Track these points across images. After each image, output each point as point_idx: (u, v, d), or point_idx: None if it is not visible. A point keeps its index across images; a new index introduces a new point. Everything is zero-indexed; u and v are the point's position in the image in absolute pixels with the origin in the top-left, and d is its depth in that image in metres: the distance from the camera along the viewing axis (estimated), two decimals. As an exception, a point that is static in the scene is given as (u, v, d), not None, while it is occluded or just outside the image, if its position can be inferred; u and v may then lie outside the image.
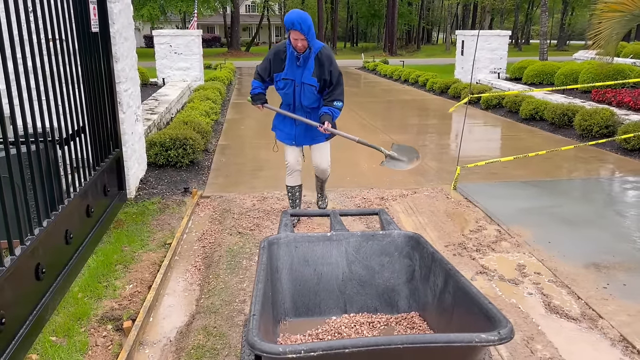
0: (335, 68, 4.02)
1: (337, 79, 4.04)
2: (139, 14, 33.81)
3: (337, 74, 4.03)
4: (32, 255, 2.84)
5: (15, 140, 2.76)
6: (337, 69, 4.04)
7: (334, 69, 4.02)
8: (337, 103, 4.06)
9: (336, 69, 4.03)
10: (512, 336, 1.55)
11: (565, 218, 4.69)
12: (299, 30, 3.74)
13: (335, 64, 4.03)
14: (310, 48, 3.92)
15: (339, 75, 4.05)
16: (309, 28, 3.77)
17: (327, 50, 4.04)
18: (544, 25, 22.28)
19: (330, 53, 4.06)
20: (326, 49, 4.04)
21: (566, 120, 8.83)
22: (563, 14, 50.44)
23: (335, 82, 4.04)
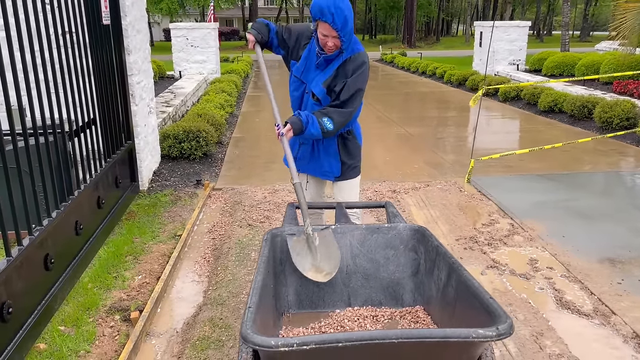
0: (354, 81, 2.72)
1: (349, 96, 2.71)
2: (157, 8, 34.06)
3: (353, 90, 2.72)
4: (41, 246, 2.87)
5: (24, 132, 2.79)
6: (356, 83, 2.72)
7: (351, 81, 2.71)
8: (326, 121, 2.67)
9: (354, 83, 2.72)
10: (511, 332, 1.51)
11: (581, 212, 4.59)
12: (330, 23, 2.54)
13: (357, 76, 2.72)
14: (342, 51, 2.70)
15: (354, 92, 2.72)
16: (345, 22, 2.56)
17: (361, 58, 2.75)
18: (566, 15, 21.83)
19: (363, 63, 2.75)
20: (361, 57, 2.76)
21: (586, 112, 8.64)
22: (586, 4, 49.36)
23: (344, 98, 2.71)
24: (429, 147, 7.26)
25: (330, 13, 2.53)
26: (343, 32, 2.58)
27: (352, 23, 2.62)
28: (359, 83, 2.73)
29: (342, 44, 2.64)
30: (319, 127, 2.67)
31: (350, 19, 2.59)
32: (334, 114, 2.70)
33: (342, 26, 2.56)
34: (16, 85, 2.73)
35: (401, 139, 7.76)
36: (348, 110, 2.73)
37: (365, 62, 2.77)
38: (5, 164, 2.53)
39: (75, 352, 2.66)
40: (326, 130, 2.68)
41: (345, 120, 2.74)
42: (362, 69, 2.73)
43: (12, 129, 2.65)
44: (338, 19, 2.54)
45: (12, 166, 2.66)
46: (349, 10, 2.58)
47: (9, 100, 2.61)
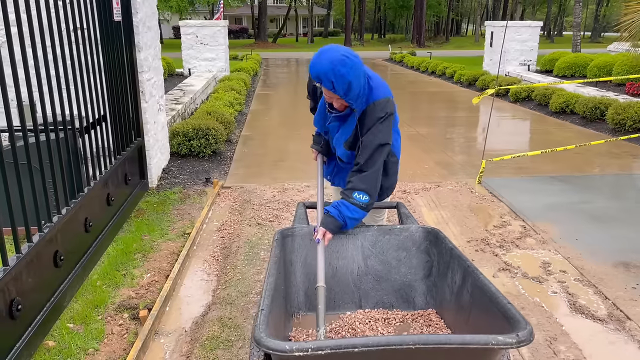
0: (372, 136, 2.35)
1: (370, 155, 2.34)
2: (167, 5, 34.11)
3: (372, 148, 2.34)
4: (51, 242, 2.85)
5: (35, 128, 2.77)
6: (375, 138, 2.35)
7: (368, 137, 2.36)
8: (360, 196, 2.33)
9: (373, 138, 2.35)
10: (532, 339, 1.47)
11: (594, 215, 4.52)
12: (331, 90, 2.25)
13: (375, 131, 2.35)
14: (353, 109, 2.38)
15: (374, 149, 2.34)
16: (349, 87, 2.22)
17: (378, 109, 2.36)
18: (577, 16, 21.64)
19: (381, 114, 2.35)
20: (378, 107, 2.36)
21: (598, 114, 8.55)
22: (598, 5, 48.98)
23: (364, 159, 2.35)
24: (439, 147, 7.20)
25: (329, 81, 2.20)
26: (348, 97, 2.26)
27: (359, 84, 2.26)
28: (377, 139, 2.34)
29: (353, 105, 2.32)
30: (355, 207, 2.32)
31: (356, 80, 2.22)
32: (361, 182, 2.33)
33: (345, 92, 2.23)
34: (28, 82, 2.71)
35: (411, 139, 7.71)
36: (372, 171, 2.35)
37: (383, 112, 2.35)
38: (16, 160, 2.51)
39: (84, 350, 2.64)
40: (364, 204, 2.33)
41: (377, 181, 2.38)
42: (379, 122, 2.34)
43: (23, 125, 2.64)
44: (339, 86, 2.21)
45: (23, 162, 2.64)
46: (353, 70, 2.20)
47: (21, 96, 2.60)
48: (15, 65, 2.52)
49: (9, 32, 2.52)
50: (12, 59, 2.54)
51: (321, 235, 2.29)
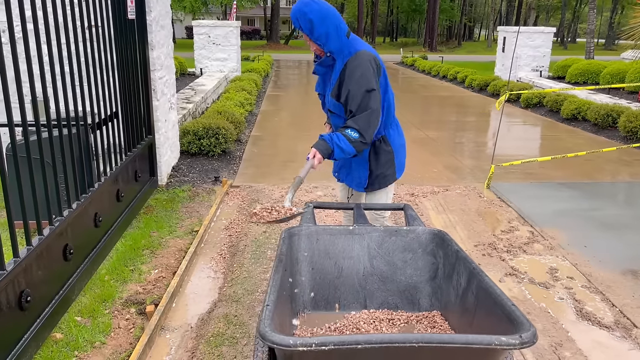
0: (356, 84, 2.52)
1: (360, 102, 2.52)
2: (181, 5, 34.35)
3: (360, 95, 2.51)
4: (61, 236, 2.89)
5: (48, 123, 2.82)
6: (360, 85, 2.52)
7: (353, 86, 2.52)
8: (351, 132, 2.51)
9: (358, 86, 2.52)
10: (535, 341, 1.47)
11: (603, 222, 4.50)
12: (299, 28, 2.52)
13: (358, 78, 2.52)
14: (329, 54, 2.57)
15: (362, 95, 2.51)
16: (312, 25, 2.45)
17: (357, 60, 2.53)
18: (591, 23, 21.51)
19: (360, 62, 2.53)
20: (357, 58, 2.54)
21: (610, 121, 8.49)
22: (612, 12, 48.64)
23: (355, 107, 2.53)
24: (448, 151, 7.19)
25: (296, 19, 2.46)
26: (315, 36, 2.48)
27: (324, 25, 2.45)
28: (362, 85, 2.51)
29: (323, 47, 2.53)
30: (345, 139, 2.51)
31: (319, 21, 2.44)
32: (354, 122, 2.53)
33: (310, 30, 2.47)
34: (42, 78, 2.75)
35: (420, 142, 7.71)
36: (364, 114, 2.53)
37: (361, 61, 2.52)
38: (30, 155, 2.55)
39: (90, 343, 2.67)
40: (353, 139, 2.51)
41: (369, 123, 2.53)
42: (359, 71, 2.51)
43: (36, 120, 2.68)
44: (303, 23, 2.46)
45: (36, 157, 2.68)
46: (318, 12, 2.43)
47: (35, 92, 2.64)
48: (31, 61, 2.56)
49: (25, 28, 2.56)
50: (27, 55, 2.58)
51: (312, 155, 2.54)
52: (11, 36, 2.39)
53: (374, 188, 2.85)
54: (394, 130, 2.83)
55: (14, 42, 2.41)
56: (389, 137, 2.79)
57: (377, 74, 2.57)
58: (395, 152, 2.81)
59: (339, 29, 2.51)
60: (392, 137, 2.80)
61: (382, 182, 2.83)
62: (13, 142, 2.38)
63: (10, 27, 2.39)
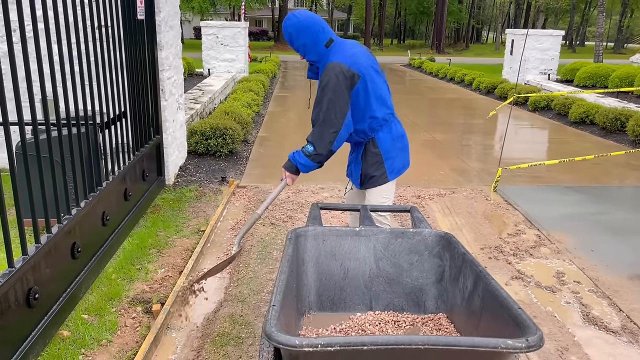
0: (317, 97, 2.68)
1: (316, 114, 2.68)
2: (189, 6, 34.49)
3: (317, 108, 2.67)
4: (69, 234, 2.91)
5: (57, 122, 2.84)
6: (318, 99, 2.67)
7: (316, 99, 2.69)
8: (308, 146, 2.68)
9: (317, 100, 2.68)
10: (542, 344, 1.47)
11: (611, 226, 4.48)
12: (289, 43, 2.76)
13: (319, 91, 2.66)
14: (311, 63, 2.86)
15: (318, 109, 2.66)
16: (290, 39, 2.72)
17: (325, 72, 2.65)
18: (600, 26, 21.41)
19: (326, 74, 2.63)
20: (326, 70, 2.65)
21: (619, 125, 8.45)
22: (621, 15, 48.36)
23: (313, 118, 2.71)
24: (455, 153, 7.18)
25: (287, 33, 2.71)
26: (295, 47, 2.74)
27: (301, 38, 2.67)
28: (319, 98, 2.66)
29: (305, 57, 2.76)
30: (302, 154, 2.71)
31: (296, 34, 2.67)
32: (310, 136, 2.72)
33: (290, 42, 2.73)
34: (52, 77, 2.77)
35: (427, 144, 7.70)
36: (317, 125, 2.68)
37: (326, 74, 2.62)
38: (39, 153, 2.57)
39: (97, 341, 2.69)
40: (309, 153, 2.69)
41: (321, 136, 2.66)
42: (322, 83, 2.64)
43: (46, 119, 2.70)
44: (285, 36, 2.72)
45: (45, 155, 2.70)
46: (296, 26, 2.66)
47: (45, 91, 2.66)
48: (41, 60, 2.58)
49: (36, 28, 2.59)
50: (37, 55, 2.60)
51: (284, 174, 2.81)
52: (22, 35, 2.41)
53: (366, 187, 2.98)
54: (385, 133, 2.87)
55: (25, 41, 2.43)
56: (378, 139, 2.86)
57: (344, 85, 2.63)
58: (384, 155, 2.88)
59: (317, 41, 2.69)
60: (381, 139, 2.87)
61: (371, 182, 2.94)
62: (23, 140, 2.40)
63: (21, 26, 2.41)
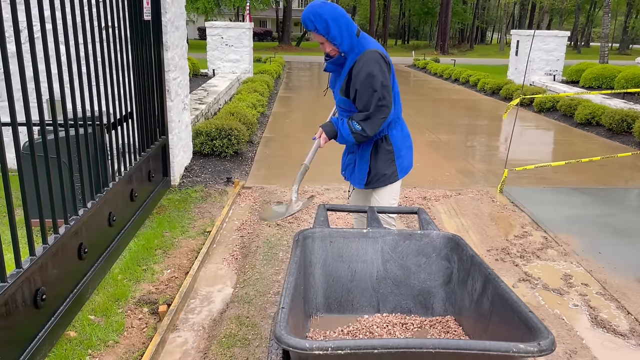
0: (363, 84, 2.60)
1: (366, 101, 2.62)
2: (194, 7, 34.55)
3: (366, 94, 2.61)
4: (76, 235, 2.91)
5: (65, 123, 2.84)
6: (366, 85, 2.60)
7: (360, 85, 2.61)
8: (354, 123, 2.68)
9: (365, 86, 2.61)
10: (554, 348, 1.46)
11: (618, 228, 4.45)
12: (314, 31, 2.56)
13: (365, 78, 2.59)
14: (342, 54, 2.63)
15: (369, 95, 2.61)
16: (327, 26, 2.52)
17: (364, 58, 2.59)
18: (605, 27, 21.33)
19: (368, 61, 2.59)
20: (364, 57, 2.59)
21: (625, 127, 8.41)
22: (627, 16, 48.19)
23: (362, 105, 2.66)
24: (460, 154, 7.16)
25: (310, 21, 2.53)
26: (330, 37, 2.56)
27: (338, 25, 2.54)
28: (368, 85, 2.60)
29: (339, 47, 2.60)
30: (347, 128, 2.70)
31: (333, 21, 2.52)
32: (359, 117, 2.69)
33: (325, 31, 2.54)
34: (60, 78, 2.78)
35: (432, 145, 7.68)
36: (370, 113, 2.65)
37: (368, 61, 2.58)
38: (47, 154, 2.57)
39: (104, 342, 2.69)
40: (355, 131, 2.69)
41: (372, 124, 2.67)
42: (366, 71, 2.58)
43: (54, 119, 2.70)
44: (319, 24, 2.53)
45: (53, 156, 2.70)
46: (331, 13, 2.52)
47: (53, 91, 2.67)
48: (49, 60, 2.58)
49: (44, 28, 2.59)
50: (46, 55, 2.60)
51: (319, 134, 2.83)
52: (30, 36, 2.41)
53: (373, 186, 2.91)
54: (398, 131, 2.86)
55: (33, 41, 2.43)
56: (392, 137, 2.84)
57: (387, 72, 2.65)
58: (396, 153, 2.86)
59: (350, 29, 2.60)
60: (394, 137, 2.85)
61: (380, 181, 2.88)
62: (31, 141, 2.40)
63: (29, 26, 2.41)
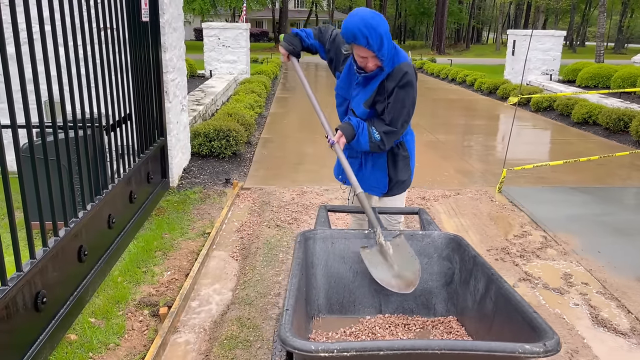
0: (397, 100, 2.49)
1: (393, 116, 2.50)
2: (190, 8, 34.50)
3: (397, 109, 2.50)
4: (76, 237, 2.90)
5: (64, 125, 2.83)
6: (400, 102, 2.49)
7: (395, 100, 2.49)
8: (374, 132, 2.53)
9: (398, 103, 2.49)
10: (559, 349, 1.46)
11: (617, 227, 4.46)
12: (365, 46, 2.32)
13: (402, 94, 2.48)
14: (382, 68, 2.46)
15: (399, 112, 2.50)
16: (381, 41, 2.32)
17: (401, 71, 2.46)
18: (601, 26, 21.41)
19: (404, 76, 2.46)
20: (401, 70, 2.46)
21: (622, 126, 8.43)
22: (622, 15, 48.36)
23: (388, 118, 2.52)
24: (458, 154, 7.17)
25: (363, 36, 2.30)
26: (382, 52, 2.37)
27: (389, 38, 2.38)
28: (401, 101, 2.48)
29: (383, 63, 2.43)
30: (367, 136, 2.53)
31: (386, 34, 2.35)
32: (381, 128, 2.53)
33: (379, 46, 2.34)
34: (59, 80, 2.76)
35: (430, 145, 7.68)
36: (392, 128, 2.53)
37: (406, 74, 2.46)
38: (46, 156, 2.56)
39: (104, 345, 2.67)
40: (374, 140, 2.53)
41: (391, 139, 2.56)
42: (403, 83, 2.45)
43: (53, 121, 2.69)
44: (373, 40, 2.31)
45: (52, 158, 2.69)
46: (383, 25, 2.34)
47: (52, 93, 2.65)
48: (49, 62, 2.57)
49: (43, 30, 2.57)
50: (45, 57, 2.59)
51: (337, 137, 2.52)
52: (29, 37, 2.40)
53: (393, 193, 2.82)
54: (410, 135, 2.82)
55: (32, 43, 2.42)
56: (407, 142, 2.77)
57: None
58: (411, 158, 2.80)
59: (391, 40, 2.46)
60: (409, 142, 2.79)
61: (400, 188, 2.81)
62: (30, 143, 2.39)
63: (28, 28, 2.40)
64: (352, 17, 2.34)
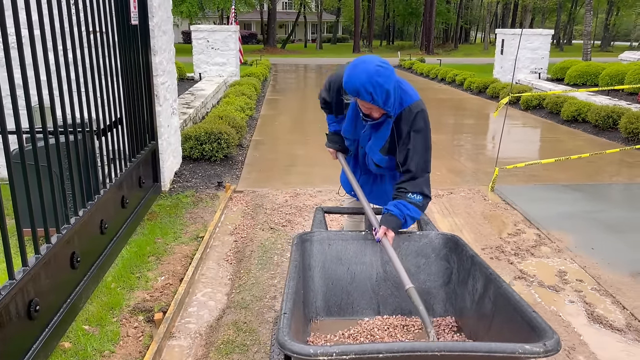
0: (416, 143, 2.39)
1: (418, 162, 2.40)
2: (178, 10, 34.35)
3: (421, 156, 2.41)
4: (68, 243, 2.86)
5: (55, 131, 2.79)
6: (422, 147, 2.41)
7: (416, 146, 2.39)
8: (414, 196, 2.39)
9: (420, 147, 2.40)
10: (559, 348, 1.45)
11: (609, 224, 4.49)
12: (370, 101, 2.22)
13: (419, 136, 2.39)
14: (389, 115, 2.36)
15: (424, 157, 2.42)
16: (387, 95, 2.21)
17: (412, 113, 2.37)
18: (587, 25, 21.59)
19: (423, 119, 2.40)
20: (412, 111, 2.37)
21: (611, 123, 8.50)
22: (608, 14, 48.86)
23: (414, 167, 2.40)
24: (450, 154, 7.18)
25: (367, 93, 2.17)
26: (387, 105, 2.24)
27: (395, 90, 2.25)
28: (423, 145, 2.40)
29: (390, 112, 2.30)
30: (413, 206, 2.37)
31: (392, 87, 2.21)
32: (414, 185, 2.40)
33: (384, 100, 2.21)
34: (49, 84, 2.73)
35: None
36: (425, 176, 2.42)
37: (418, 116, 2.36)
38: (37, 162, 2.53)
39: (99, 352, 2.64)
40: (420, 203, 2.39)
41: (428, 185, 2.44)
42: (418, 128, 2.37)
43: (44, 127, 2.66)
44: (378, 96, 2.18)
45: (43, 164, 2.66)
46: (390, 79, 2.19)
47: (42, 98, 2.62)
48: (38, 67, 2.53)
49: (33, 34, 2.54)
50: (34, 62, 2.56)
51: (382, 234, 2.33)
52: (18, 42, 2.37)
53: None
54: None
55: (22, 47, 2.38)
56: None
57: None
58: None
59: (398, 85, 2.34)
60: None
61: None
62: (21, 149, 2.36)
63: (17, 33, 2.37)
64: (355, 71, 2.20)
